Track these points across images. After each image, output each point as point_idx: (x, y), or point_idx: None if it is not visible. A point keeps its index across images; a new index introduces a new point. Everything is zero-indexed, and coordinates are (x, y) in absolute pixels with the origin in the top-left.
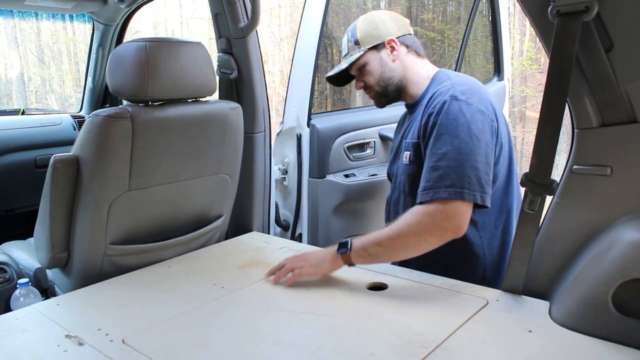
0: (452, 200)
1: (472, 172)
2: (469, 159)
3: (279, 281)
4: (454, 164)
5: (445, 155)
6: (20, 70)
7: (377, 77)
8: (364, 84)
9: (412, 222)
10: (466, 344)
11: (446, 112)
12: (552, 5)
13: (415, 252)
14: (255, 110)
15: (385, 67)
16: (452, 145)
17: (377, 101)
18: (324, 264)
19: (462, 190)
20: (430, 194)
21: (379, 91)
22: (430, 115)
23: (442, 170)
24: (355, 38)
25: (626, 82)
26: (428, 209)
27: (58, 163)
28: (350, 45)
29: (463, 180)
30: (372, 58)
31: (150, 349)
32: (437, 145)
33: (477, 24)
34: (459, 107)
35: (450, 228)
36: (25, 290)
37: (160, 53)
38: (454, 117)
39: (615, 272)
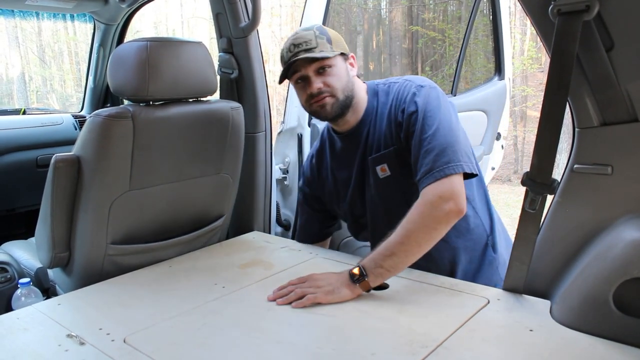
0: (451, 175)
1: (460, 145)
2: (452, 134)
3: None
4: (444, 141)
5: (434, 136)
6: (22, 70)
7: (342, 84)
8: (323, 86)
9: (416, 218)
10: (467, 343)
11: (420, 99)
12: (552, 4)
13: (428, 245)
14: (256, 110)
15: (348, 77)
16: (436, 124)
17: (330, 108)
18: (342, 292)
19: (461, 164)
20: (435, 174)
21: (340, 98)
22: (403, 111)
23: (437, 150)
24: (328, 36)
25: (627, 81)
26: (425, 199)
27: (59, 163)
28: (321, 41)
29: (457, 155)
30: (341, 64)
31: (152, 349)
32: (424, 130)
33: (478, 24)
34: (428, 92)
35: (452, 209)
36: (27, 290)
37: (161, 53)
38: (428, 101)
39: (616, 271)
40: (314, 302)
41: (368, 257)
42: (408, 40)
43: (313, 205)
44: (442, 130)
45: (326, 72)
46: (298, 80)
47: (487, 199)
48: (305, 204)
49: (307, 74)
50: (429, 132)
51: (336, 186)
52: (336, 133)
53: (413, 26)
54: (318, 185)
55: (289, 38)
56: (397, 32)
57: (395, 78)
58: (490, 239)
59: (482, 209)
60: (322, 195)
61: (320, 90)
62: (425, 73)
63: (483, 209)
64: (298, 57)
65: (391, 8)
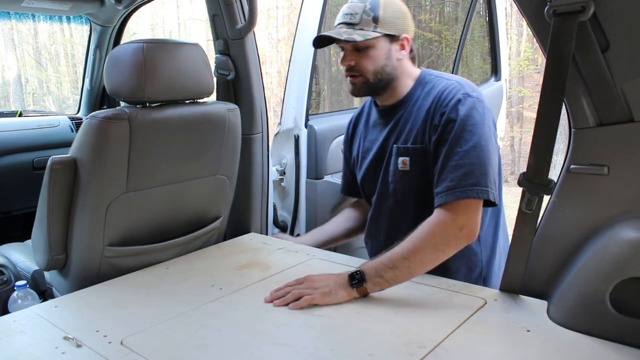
0: (473, 199)
1: (490, 169)
2: (487, 156)
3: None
4: (476, 162)
5: (468, 154)
6: (18, 72)
7: (376, 67)
8: (354, 65)
9: (426, 236)
10: (465, 344)
11: (463, 109)
12: (548, 5)
13: (432, 266)
14: (253, 112)
15: (389, 61)
16: (475, 141)
17: (357, 89)
18: (339, 293)
19: (487, 190)
20: (457, 193)
21: (370, 81)
22: (443, 114)
23: (466, 169)
24: (376, 14)
25: (622, 81)
26: (440, 218)
27: (56, 165)
28: (366, 18)
29: (486, 179)
30: (383, 46)
31: (149, 350)
32: (459, 143)
33: (475, 25)
34: (474, 104)
35: (464, 235)
36: (23, 292)
37: (158, 54)
38: (471, 115)
39: (613, 271)
40: (311, 303)
41: (370, 263)
42: None
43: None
44: (477, 149)
45: (362, 52)
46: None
47: (495, 232)
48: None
49: (345, 47)
50: (464, 147)
51: (359, 153)
52: (375, 105)
53: None
54: (350, 147)
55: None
56: None
57: (447, 75)
58: (485, 270)
59: (486, 239)
60: (350, 158)
61: (350, 67)
62: None
63: (487, 239)
64: (329, 32)
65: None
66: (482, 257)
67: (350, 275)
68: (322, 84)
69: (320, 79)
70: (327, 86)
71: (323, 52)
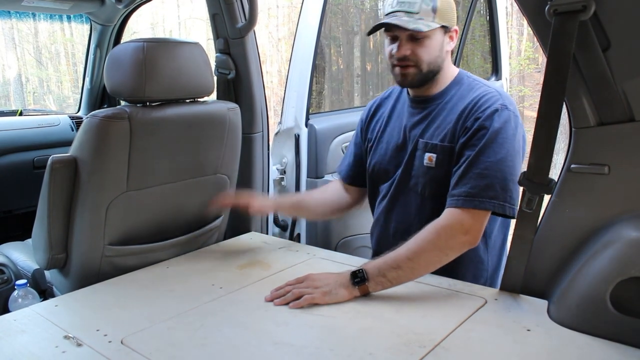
0: (486, 211)
1: (512, 185)
2: (512, 172)
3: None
4: (500, 176)
5: (493, 165)
6: (18, 71)
7: (431, 58)
8: (410, 54)
9: (432, 238)
10: (465, 343)
11: (499, 120)
12: (549, 4)
13: (435, 268)
14: (253, 111)
15: (441, 52)
16: (503, 155)
17: (410, 79)
18: (340, 292)
19: (504, 204)
20: (476, 202)
21: (423, 71)
22: (477, 120)
23: (489, 180)
24: (435, 5)
25: (623, 80)
26: (449, 222)
27: (56, 164)
28: (425, 7)
29: (505, 194)
30: (438, 37)
31: (149, 350)
32: (487, 153)
33: (475, 24)
34: (509, 118)
35: (467, 241)
36: (24, 292)
37: (158, 53)
38: (505, 128)
39: (613, 270)
40: (311, 302)
41: (373, 263)
42: None
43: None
44: (503, 163)
45: (419, 41)
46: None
47: (503, 242)
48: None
49: (400, 35)
50: (492, 158)
51: (377, 137)
52: (408, 93)
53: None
54: (366, 128)
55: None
56: None
57: (484, 80)
58: (489, 280)
59: (494, 248)
60: (364, 139)
61: (405, 57)
62: None
63: (494, 248)
64: (392, 20)
65: None
66: (489, 266)
67: (353, 273)
68: (323, 83)
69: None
70: (327, 85)
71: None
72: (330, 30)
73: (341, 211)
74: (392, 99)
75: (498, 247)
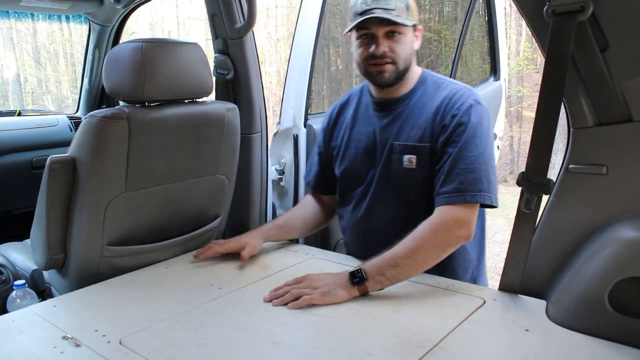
0: (476, 204)
1: (493, 176)
2: (492, 164)
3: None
4: (484, 169)
5: (477, 159)
6: (17, 72)
7: (406, 54)
8: (389, 50)
9: (429, 236)
10: (463, 343)
11: (475, 115)
12: (547, 5)
13: (432, 264)
14: (252, 111)
15: (412, 50)
16: (483, 149)
17: (388, 76)
18: (338, 293)
19: (490, 196)
20: (467, 196)
21: (400, 68)
22: (454, 117)
23: (476, 174)
24: (408, 3)
25: (621, 81)
26: (443, 218)
27: (55, 164)
28: (400, 5)
29: (490, 186)
30: (410, 35)
31: (148, 350)
32: (469, 148)
33: (474, 24)
34: (483, 112)
35: (463, 235)
36: (22, 292)
37: (157, 54)
38: (481, 122)
39: (612, 270)
40: (310, 303)
41: (371, 262)
42: None
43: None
44: (485, 156)
45: (395, 38)
46: (363, 35)
47: (482, 232)
48: (318, 153)
49: (376, 33)
50: (475, 152)
51: (343, 143)
52: (371, 96)
53: None
54: (330, 136)
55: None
56: None
57: (449, 78)
58: (475, 271)
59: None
60: (329, 148)
61: (384, 53)
62: None
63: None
64: (375, 13)
65: None
66: (473, 257)
67: (351, 273)
68: (322, 83)
69: (319, 78)
70: (326, 86)
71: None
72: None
73: (324, 222)
74: (352, 103)
75: (478, 236)
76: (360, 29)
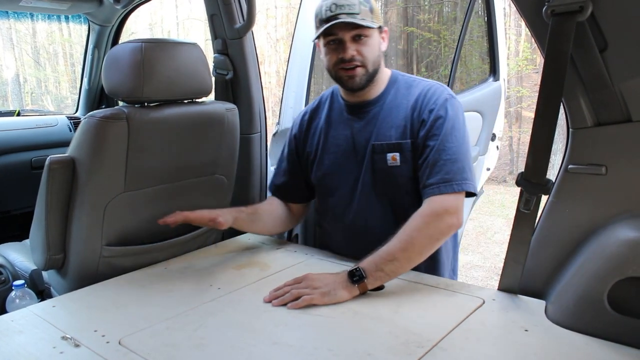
0: (462, 192)
1: (471, 165)
2: (470, 154)
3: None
4: (465, 158)
5: (458, 149)
6: (16, 72)
7: (374, 56)
8: (357, 54)
9: (422, 227)
10: (463, 344)
11: (451, 109)
12: (546, 5)
13: (428, 254)
14: (251, 111)
15: (380, 52)
16: (462, 139)
17: (359, 79)
18: (339, 293)
19: (472, 183)
20: (454, 186)
21: (370, 70)
22: (431, 111)
23: (459, 164)
24: (371, 6)
25: (620, 81)
26: (434, 208)
27: (54, 164)
28: (364, 9)
29: (471, 174)
30: (376, 37)
31: (147, 350)
32: (450, 139)
33: (473, 25)
34: (458, 106)
35: (454, 224)
36: (21, 292)
37: (156, 54)
38: (457, 115)
39: (611, 270)
40: (310, 303)
41: (368, 260)
42: (403, 41)
43: (293, 163)
44: (464, 147)
45: (362, 41)
46: (330, 42)
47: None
48: (287, 160)
49: (343, 38)
50: (455, 143)
51: (320, 148)
52: (343, 100)
53: (408, 27)
54: (303, 142)
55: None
56: (392, 33)
57: (422, 78)
58: (453, 261)
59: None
60: (302, 154)
61: (353, 57)
62: (421, 74)
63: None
64: (340, 19)
65: (386, 9)
66: (450, 246)
67: (350, 272)
68: (321, 83)
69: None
70: (325, 86)
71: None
72: None
73: (287, 227)
74: (324, 108)
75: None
76: (327, 35)
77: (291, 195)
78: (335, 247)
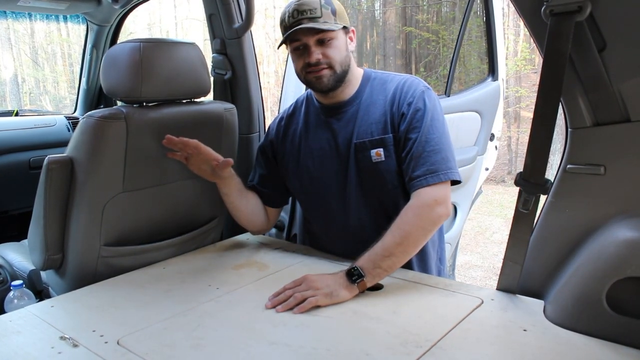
0: (448, 181)
1: (453, 155)
2: (451, 143)
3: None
4: (447, 148)
5: (440, 139)
6: (14, 72)
7: (341, 57)
8: (322, 57)
9: (413, 219)
10: (461, 343)
11: (429, 101)
12: (545, 5)
13: (422, 245)
14: (250, 111)
15: (347, 52)
16: (442, 130)
17: (327, 81)
18: (340, 293)
19: (456, 172)
20: (440, 175)
21: (337, 71)
22: (410, 104)
23: (443, 154)
24: (333, 8)
25: (619, 81)
26: (424, 200)
27: (52, 164)
28: (326, 11)
29: (454, 163)
30: (342, 38)
31: (145, 350)
32: (431, 130)
33: (472, 25)
34: (434, 96)
35: (444, 213)
36: (19, 292)
37: (155, 54)
38: (434, 105)
39: (609, 270)
40: (315, 305)
41: (364, 257)
42: (402, 41)
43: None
44: (445, 137)
45: (327, 44)
46: (296, 48)
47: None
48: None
49: (307, 43)
50: (436, 134)
51: (301, 153)
52: (319, 103)
53: (407, 27)
54: (280, 147)
55: (293, 2)
56: (391, 33)
57: (395, 72)
58: (439, 252)
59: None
60: (282, 159)
61: (318, 61)
62: (420, 73)
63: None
64: (302, 25)
65: (385, 9)
66: (435, 236)
67: (349, 272)
68: None
69: None
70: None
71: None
72: None
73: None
74: (300, 113)
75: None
76: (292, 42)
77: (271, 199)
78: (329, 250)
